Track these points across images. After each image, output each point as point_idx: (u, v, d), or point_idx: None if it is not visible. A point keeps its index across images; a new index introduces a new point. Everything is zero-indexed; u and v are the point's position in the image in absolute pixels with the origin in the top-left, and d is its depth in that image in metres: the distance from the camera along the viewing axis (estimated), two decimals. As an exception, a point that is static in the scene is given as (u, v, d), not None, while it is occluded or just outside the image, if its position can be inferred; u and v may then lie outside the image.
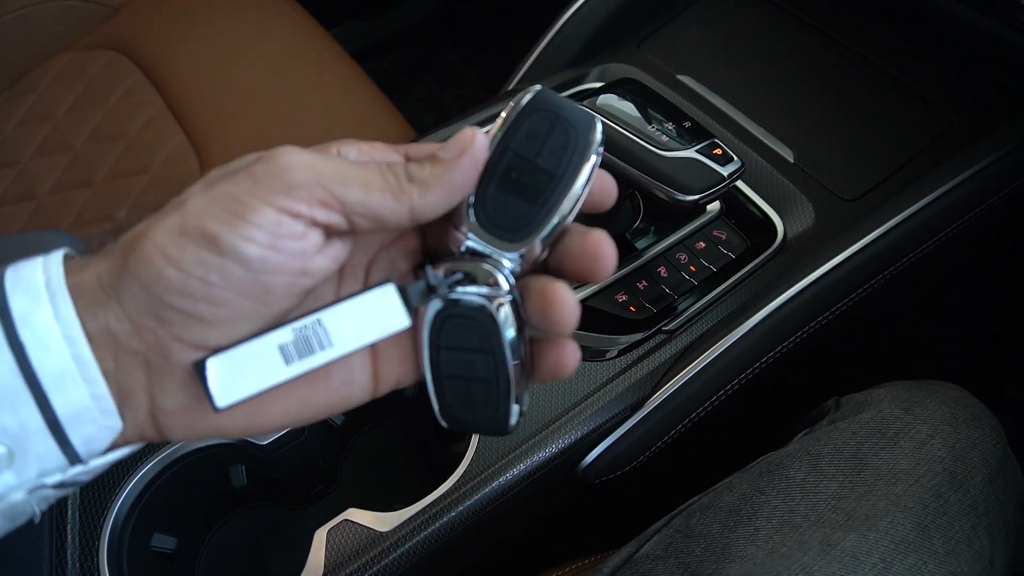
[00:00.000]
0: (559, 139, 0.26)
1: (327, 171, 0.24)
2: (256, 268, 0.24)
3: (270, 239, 0.24)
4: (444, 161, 0.26)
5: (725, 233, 0.55)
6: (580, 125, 0.26)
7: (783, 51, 0.65)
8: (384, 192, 0.25)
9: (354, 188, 0.24)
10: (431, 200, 0.25)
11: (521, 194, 0.26)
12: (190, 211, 0.24)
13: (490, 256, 0.26)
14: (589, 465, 0.48)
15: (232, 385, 0.24)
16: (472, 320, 0.26)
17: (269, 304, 0.25)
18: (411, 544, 0.43)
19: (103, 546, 0.43)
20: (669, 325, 0.50)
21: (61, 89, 0.81)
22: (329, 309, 0.26)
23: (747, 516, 0.42)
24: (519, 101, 0.27)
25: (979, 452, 0.43)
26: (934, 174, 0.54)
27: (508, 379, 0.27)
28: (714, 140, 0.49)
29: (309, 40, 0.84)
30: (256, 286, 0.24)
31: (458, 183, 0.26)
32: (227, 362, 0.24)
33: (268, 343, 0.25)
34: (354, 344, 0.26)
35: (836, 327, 0.53)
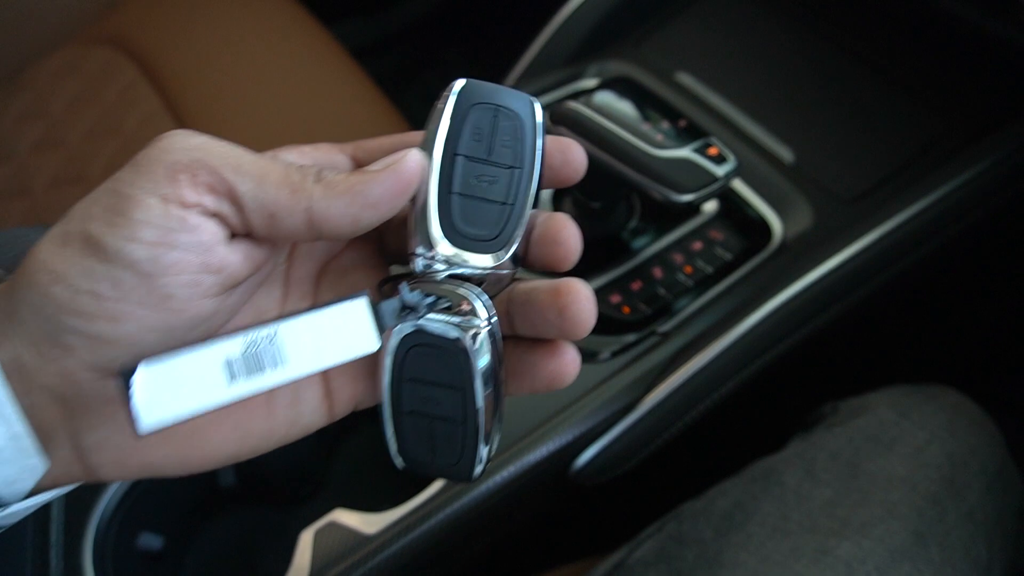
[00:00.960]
0: (506, 129, 0.25)
1: (216, 153, 0.22)
2: (148, 271, 0.21)
3: (158, 234, 0.21)
4: (363, 171, 0.23)
5: (722, 234, 0.54)
6: (520, 108, 0.25)
7: (783, 51, 0.64)
8: (280, 187, 0.22)
9: (247, 177, 0.22)
10: (334, 207, 0.22)
11: (486, 197, 0.24)
12: (73, 215, 0.21)
13: (472, 275, 0.24)
14: (581, 468, 0.48)
15: (161, 403, 0.20)
16: (442, 351, 0.24)
17: (177, 312, 0.22)
18: (398, 546, 0.42)
19: (87, 544, 0.43)
20: (664, 327, 0.49)
21: (58, 85, 0.81)
22: (287, 321, 0.22)
23: (740, 522, 0.42)
24: (448, 101, 0.25)
25: (978, 459, 0.42)
26: (934, 175, 0.53)
27: (477, 422, 0.24)
28: (709, 139, 0.48)
29: (307, 37, 0.83)
30: (153, 292, 0.21)
31: (372, 199, 0.22)
32: (160, 373, 0.20)
33: (212, 355, 0.21)
34: (312, 366, 0.22)
35: (833, 330, 0.52)
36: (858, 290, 0.52)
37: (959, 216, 0.54)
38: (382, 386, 0.25)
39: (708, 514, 0.43)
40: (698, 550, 0.41)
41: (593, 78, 0.63)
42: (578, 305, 0.23)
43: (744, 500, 0.43)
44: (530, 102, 0.25)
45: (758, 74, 0.62)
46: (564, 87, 0.62)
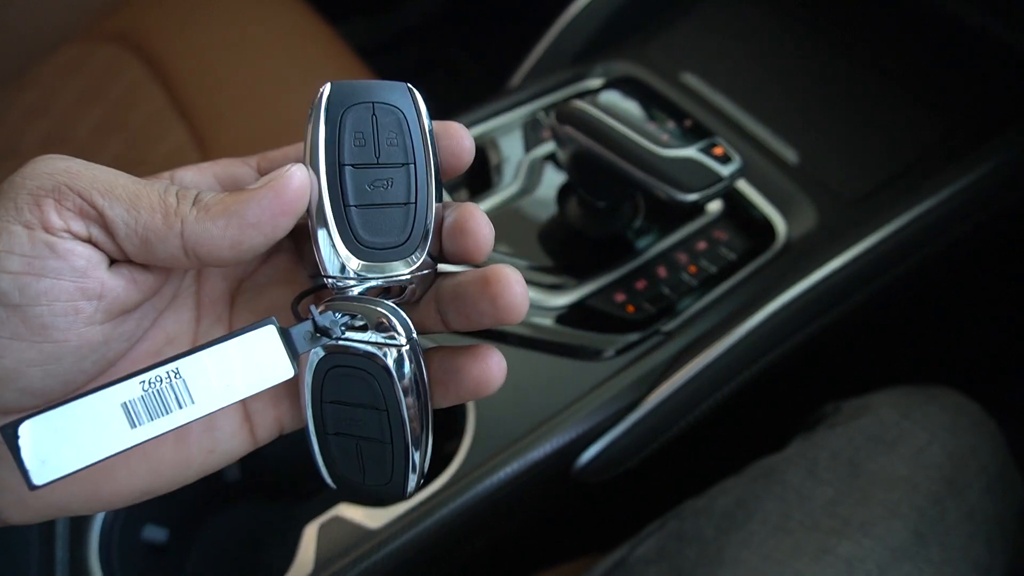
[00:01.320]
0: (388, 125, 0.23)
1: (85, 177, 0.20)
2: (17, 301, 0.20)
3: (25, 263, 0.20)
4: (243, 191, 0.21)
5: (726, 234, 0.55)
6: (398, 99, 0.23)
7: (789, 52, 0.64)
8: (153, 211, 0.21)
9: (117, 201, 0.20)
10: (210, 231, 0.21)
11: (386, 203, 0.23)
12: None
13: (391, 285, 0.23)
14: (583, 465, 0.48)
15: (56, 456, 0.19)
16: (362, 373, 0.23)
17: (59, 343, 0.20)
18: (401, 541, 0.43)
19: (93, 537, 0.43)
20: (667, 326, 0.50)
21: (64, 81, 0.82)
22: (190, 356, 0.20)
23: (741, 520, 0.42)
24: (318, 108, 0.23)
25: (979, 459, 0.42)
26: (938, 178, 0.53)
27: (405, 440, 0.24)
28: (715, 139, 0.49)
29: (314, 36, 0.84)
30: (27, 323, 0.20)
31: (252, 219, 0.21)
32: (48, 426, 0.19)
33: (107, 400, 0.20)
34: (222, 400, 0.21)
35: (837, 330, 0.52)
36: (861, 291, 0.52)
37: (962, 218, 0.54)
38: (304, 409, 0.24)
39: (709, 512, 0.43)
40: (699, 548, 0.42)
41: (599, 78, 0.63)
42: (510, 292, 0.23)
43: (746, 498, 0.43)
44: (407, 90, 0.24)
45: (763, 75, 0.63)
46: (570, 86, 0.63)
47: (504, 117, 0.60)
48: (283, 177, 0.22)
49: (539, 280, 0.51)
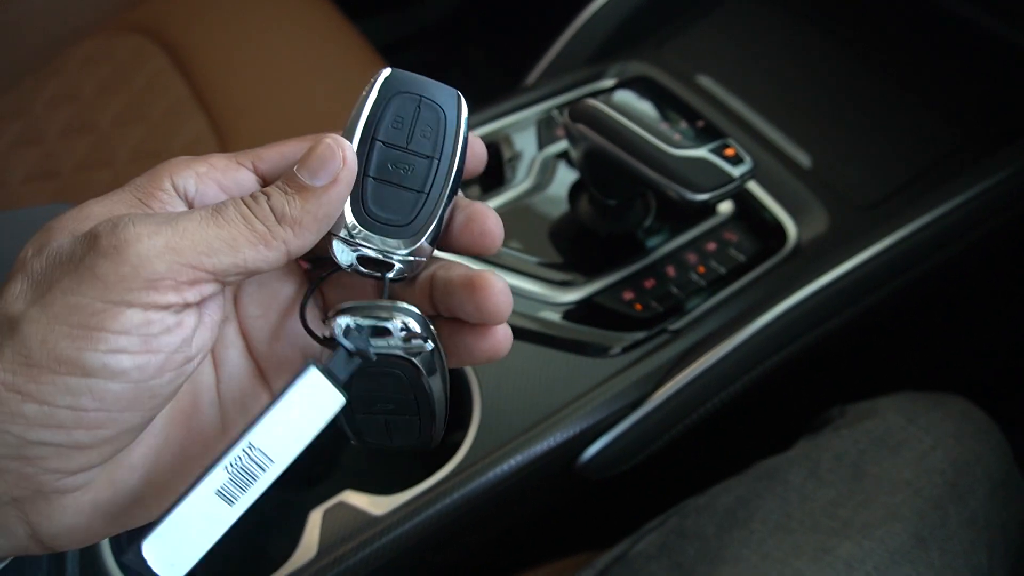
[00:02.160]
0: (428, 120, 0.25)
1: (187, 248, 0.21)
2: (135, 378, 0.21)
3: (142, 342, 0.21)
4: (313, 191, 0.23)
5: (736, 235, 0.55)
6: (444, 101, 0.25)
7: (805, 57, 0.64)
8: (255, 246, 0.22)
9: (221, 255, 0.21)
10: (307, 239, 0.23)
11: (402, 184, 0.25)
12: (33, 335, 0.20)
13: (384, 260, 0.25)
14: (587, 461, 0.48)
15: (179, 556, 0.21)
16: (392, 372, 0.25)
17: (158, 406, 0.22)
18: (404, 529, 0.43)
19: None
20: (675, 325, 0.50)
21: (88, 71, 0.83)
22: (255, 428, 0.22)
23: (743, 519, 0.42)
24: (372, 88, 0.25)
25: (983, 466, 0.42)
26: (950, 185, 0.53)
27: (431, 412, 0.26)
28: (727, 140, 0.49)
29: (334, 33, 0.85)
30: (140, 396, 0.21)
31: (333, 213, 0.23)
32: (164, 538, 0.21)
33: (204, 495, 0.21)
34: (296, 448, 0.23)
35: (844, 335, 0.52)
36: (870, 296, 0.52)
37: (974, 226, 0.54)
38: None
39: (711, 510, 0.43)
40: (700, 545, 0.42)
41: (613, 78, 0.64)
42: (494, 299, 0.24)
43: (747, 497, 0.43)
44: (456, 96, 0.26)
45: (778, 79, 0.63)
46: (585, 86, 0.63)
47: (518, 115, 0.60)
48: (346, 165, 0.23)
49: (548, 276, 0.52)
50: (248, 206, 0.22)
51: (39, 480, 0.21)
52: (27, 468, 0.21)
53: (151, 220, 0.21)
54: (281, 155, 0.25)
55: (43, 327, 0.20)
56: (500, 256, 0.52)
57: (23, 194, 0.76)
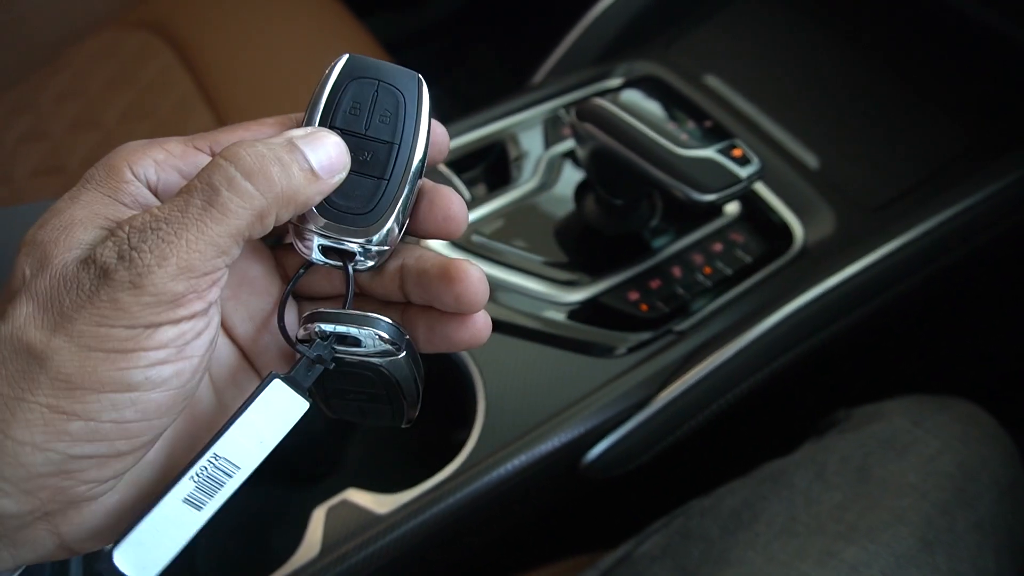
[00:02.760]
0: (387, 105, 0.24)
1: (197, 262, 0.21)
2: (175, 385, 0.21)
3: (177, 351, 0.21)
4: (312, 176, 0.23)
5: (743, 236, 0.54)
6: (404, 84, 0.25)
7: (813, 58, 0.64)
8: (253, 224, 0.22)
9: (233, 248, 0.22)
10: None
11: (361, 171, 0.24)
12: (66, 365, 0.20)
13: (348, 249, 0.24)
14: (591, 461, 0.48)
15: (150, 560, 0.22)
16: (364, 374, 0.25)
17: (185, 406, 0.23)
18: (407, 527, 0.43)
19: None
20: (680, 325, 0.50)
21: (96, 67, 0.83)
22: (221, 438, 0.23)
23: (748, 521, 0.42)
24: (329, 74, 0.25)
25: (990, 471, 0.42)
26: (959, 188, 0.53)
27: (402, 400, 0.26)
28: (734, 141, 0.48)
29: (341, 30, 0.85)
30: (177, 400, 0.22)
31: (303, 194, 0.23)
32: (134, 546, 0.22)
33: (171, 504, 0.22)
34: (260, 454, 0.23)
35: (851, 337, 0.52)
36: (877, 298, 0.52)
37: (982, 229, 0.53)
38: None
39: (716, 512, 0.43)
40: (704, 547, 0.42)
41: (621, 78, 0.63)
42: (472, 289, 0.24)
43: (752, 500, 0.43)
44: (416, 79, 0.25)
45: (786, 80, 0.62)
46: (592, 85, 0.63)
47: (525, 113, 0.60)
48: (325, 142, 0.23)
49: (553, 276, 0.52)
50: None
51: (73, 492, 0.21)
52: (65, 482, 0.21)
53: (152, 239, 0.21)
54: (239, 139, 0.25)
55: (77, 356, 0.20)
56: (505, 254, 0.52)
57: (29, 189, 0.77)
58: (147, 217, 0.21)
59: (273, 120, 0.25)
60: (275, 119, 0.25)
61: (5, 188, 0.76)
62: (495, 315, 0.49)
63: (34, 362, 0.20)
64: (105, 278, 0.20)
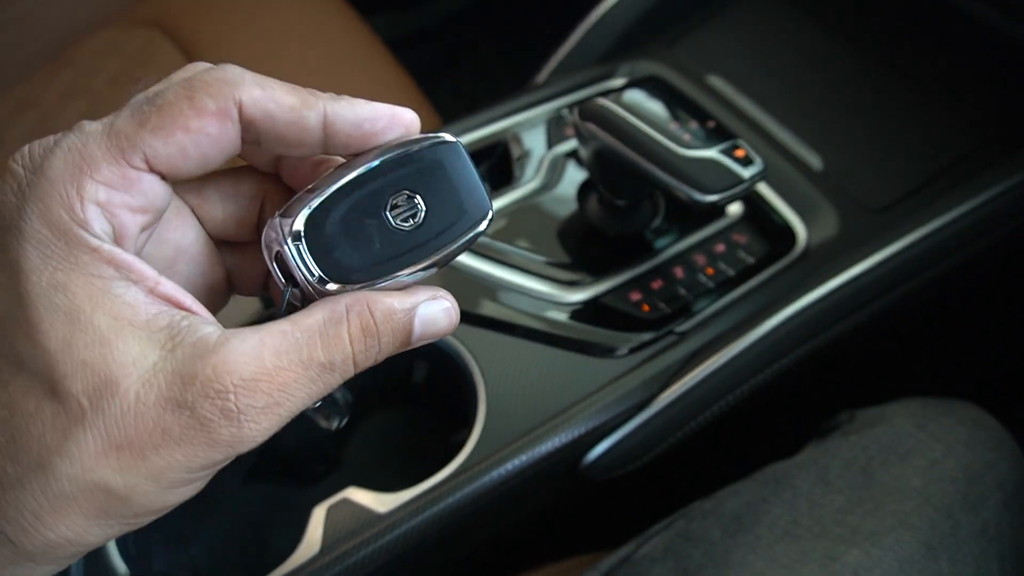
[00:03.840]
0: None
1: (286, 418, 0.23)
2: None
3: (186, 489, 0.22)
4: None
5: (745, 237, 0.54)
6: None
7: (817, 58, 0.63)
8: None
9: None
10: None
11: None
12: (148, 502, 0.21)
13: (301, 280, 0.23)
14: (592, 462, 0.48)
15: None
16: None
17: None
18: (408, 527, 0.43)
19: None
20: (682, 326, 0.49)
21: (100, 64, 0.83)
22: None
23: (749, 524, 0.42)
24: (425, 140, 0.23)
25: (995, 475, 0.42)
26: (963, 189, 0.53)
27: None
28: (737, 141, 0.48)
29: (345, 28, 0.85)
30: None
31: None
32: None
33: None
34: None
35: (854, 339, 0.52)
36: (880, 300, 0.51)
37: (988, 230, 0.53)
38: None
39: (717, 514, 0.43)
40: (705, 549, 0.41)
41: (624, 77, 0.63)
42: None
43: (755, 502, 0.43)
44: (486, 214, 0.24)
45: (790, 80, 0.62)
46: (595, 85, 0.62)
47: (528, 113, 0.60)
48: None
49: (556, 276, 0.51)
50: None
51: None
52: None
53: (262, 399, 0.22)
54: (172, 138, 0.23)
55: (159, 493, 0.22)
56: (507, 254, 0.52)
57: (33, 187, 0.77)
58: (255, 369, 0.21)
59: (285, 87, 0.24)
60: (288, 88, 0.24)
61: (9, 185, 0.76)
62: (496, 315, 0.49)
63: (113, 498, 0.21)
64: (203, 429, 0.21)
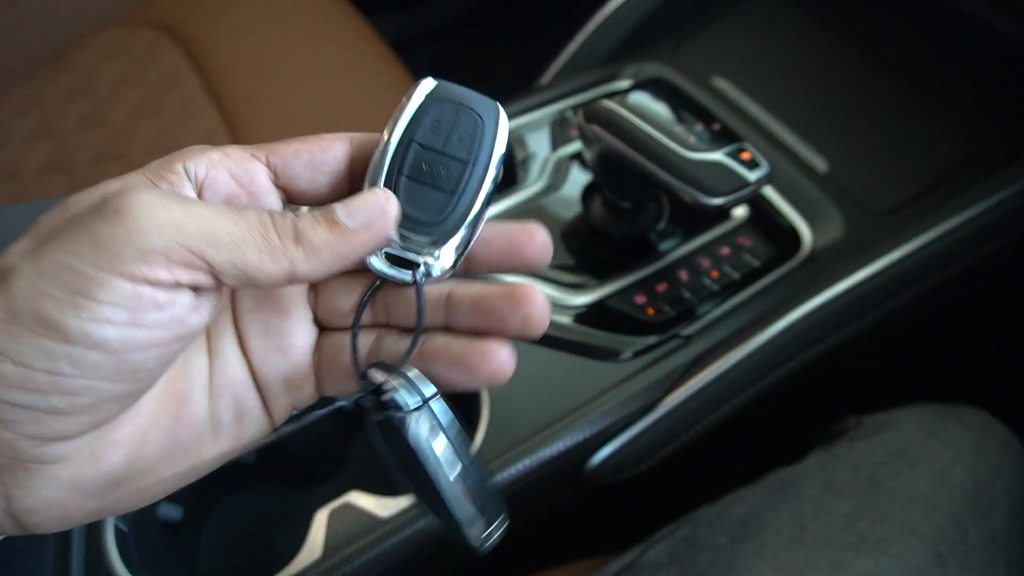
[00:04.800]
0: (467, 126, 0.25)
1: (190, 229, 0.20)
2: (118, 350, 0.20)
3: (130, 315, 0.20)
4: (343, 230, 0.23)
5: (751, 240, 0.54)
6: (485, 111, 0.26)
7: (823, 61, 0.63)
8: (260, 253, 0.21)
9: (223, 248, 0.21)
10: (316, 268, 0.22)
11: (434, 185, 0.25)
12: (19, 290, 0.20)
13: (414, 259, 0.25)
14: (596, 466, 0.48)
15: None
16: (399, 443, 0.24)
17: (141, 380, 0.22)
18: (410, 531, 0.43)
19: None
20: (687, 330, 0.49)
21: (104, 65, 0.83)
22: None
23: (756, 530, 0.41)
24: (412, 93, 0.26)
25: (1004, 482, 0.41)
26: (970, 192, 0.52)
27: (451, 510, 0.26)
28: (742, 144, 0.48)
29: (348, 29, 0.84)
30: (122, 367, 0.21)
31: (351, 255, 0.23)
32: None
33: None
34: None
35: (860, 343, 0.52)
36: (887, 304, 0.51)
37: (995, 234, 0.53)
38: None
39: (723, 520, 0.43)
40: (711, 555, 0.41)
41: (629, 79, 0.63)
42: (539, 311, 0.24)
43: (761, 508, 0.42)
44: (496, 107, 0.26)
45: (796, 83, 0.62)
46: (599, 87, 0.62)
47: (533, 114, 0.60)
48: (386, 216, 0.23)
49: (560, 279, 0.51)
50: (271, 216, 0.22)
51: (16, 447, 0.21)
52: (4, 432, 0.20)
53: (166, 196, 0.21)
54: (296, 151, 0.25)
55: (31, 282, 0.20)
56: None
57: (36, 186, 0.77)
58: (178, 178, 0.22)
59: (332, 137, 0.25)
60: (334, 136, 0.25)
61: (12, 185, 0.76)
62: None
63: (1, 285, 0.20)
64: (100, 207, 0.20)
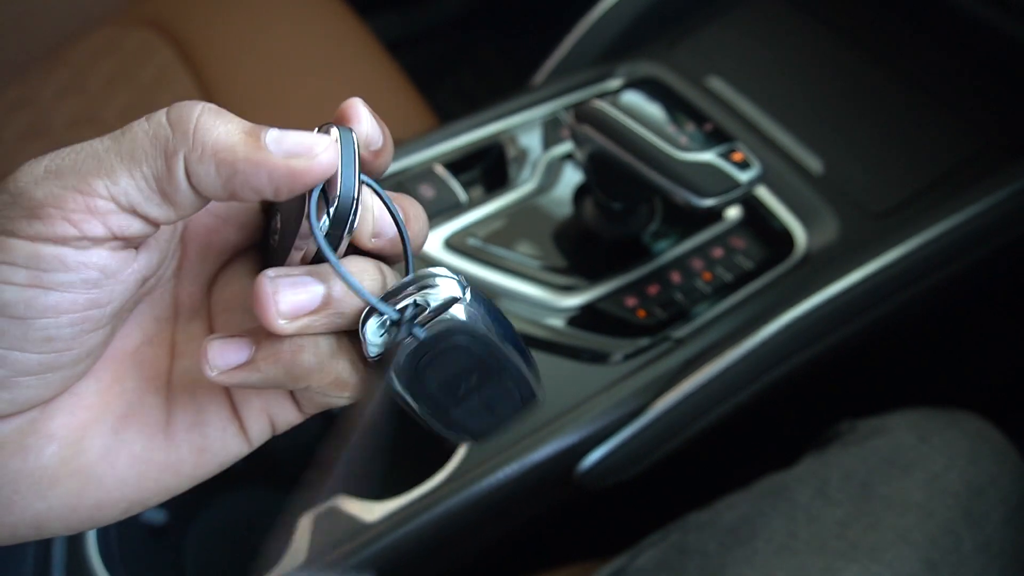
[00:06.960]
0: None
1: (67, 169, 0.18)
2: (22, 314, 0.19)
3: (30, 275, 0.18)
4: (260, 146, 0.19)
5: (744, 242, 0.53)
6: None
7: (818, 61, 0.63)
8: (155, 159, 0.19)
9: (116, 174, 0.18)
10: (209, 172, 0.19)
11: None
12: None
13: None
14: (586, 470, 0.47)
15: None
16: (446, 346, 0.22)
17: (59, 350, 0.20)
18: (396, 536, 0.42)
19: (91, 514, 0.43)
20: (678, 332, 0.49)
21: (97, 63, 0.83)
22: None
23: (746, 537, 0.41)
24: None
25: (998, 489, 0.41)
26: (966, 194, 0.52)
27: (513, 362, 0.23)
28: (734, 144, 0.47)
29: (343, 29, 0.84)
30: (31, 334, 0.19)
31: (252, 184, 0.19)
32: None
33: None
34: None
35: (854, 346, 0.51)
36: (881, 306, 0.50)
37: (989, 237, 0.52)
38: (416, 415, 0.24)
39: (714, 526, 0.42)
40: (701, 562, 0.40)
41: (621, 78, 0.62)
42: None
43: (752, 515, 0.42)
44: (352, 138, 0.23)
45: (791, 82, 0.61)
46: (592, 86, 0.62)
47: (524, 114, 0.59)
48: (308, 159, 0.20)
49: (550, 280, 0.51)
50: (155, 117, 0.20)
51: None
52: None
53: (53, 154, 0.19)
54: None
55: None
56: (501, 258, 0.51)
57: (27, 186, 0.76)
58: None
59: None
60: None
61: (2, 185, 0.76)
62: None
63: None
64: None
